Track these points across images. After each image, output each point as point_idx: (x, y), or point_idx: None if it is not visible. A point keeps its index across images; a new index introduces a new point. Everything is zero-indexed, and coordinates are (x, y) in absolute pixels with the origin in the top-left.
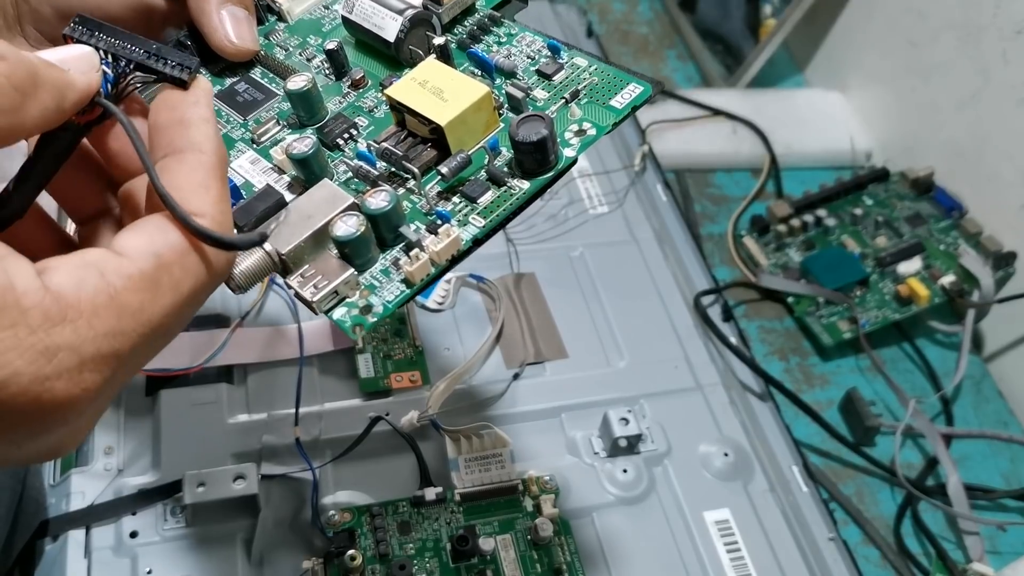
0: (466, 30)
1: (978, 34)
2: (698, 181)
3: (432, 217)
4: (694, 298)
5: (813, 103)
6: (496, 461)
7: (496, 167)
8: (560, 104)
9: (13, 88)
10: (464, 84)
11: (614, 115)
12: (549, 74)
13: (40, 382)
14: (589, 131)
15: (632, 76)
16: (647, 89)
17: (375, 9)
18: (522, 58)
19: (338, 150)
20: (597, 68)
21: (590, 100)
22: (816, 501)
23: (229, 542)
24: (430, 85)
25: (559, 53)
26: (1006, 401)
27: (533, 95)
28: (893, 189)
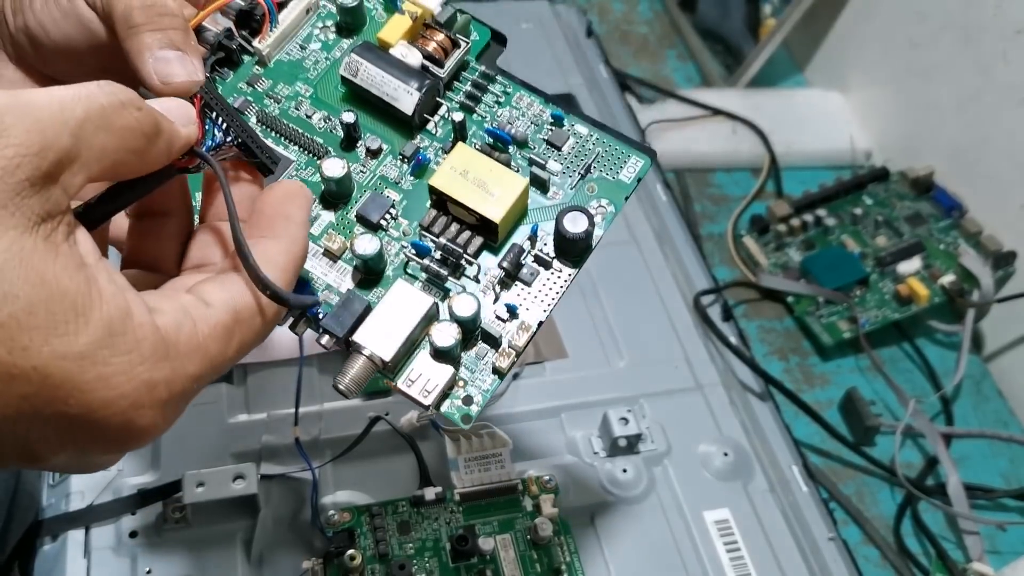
0: (464, 91)
1: (978, 34)
2: (698, 181)
3: (499, 303)
4: (694, 298)
5: (813, 103)
6: (496, 461)
7: (542, 253)
8: (577, 180)
9: (143, 135)
10: (503, 176)
11: (624, 190)
12: (558, 145)
13: (136, 409)
14: (608, 208)
15: (630, 147)
16: (647, 163)
17: (384, 79)
18: (527, 123)
19: (381, 231)
20: (598, 138)
21: (601, 175)
22: (816, 501)
23: (229, 542)
24: (471, 176)
25: (562, 122)
26: (1006, 401)
27: (549, 168)
28: (893, 189)
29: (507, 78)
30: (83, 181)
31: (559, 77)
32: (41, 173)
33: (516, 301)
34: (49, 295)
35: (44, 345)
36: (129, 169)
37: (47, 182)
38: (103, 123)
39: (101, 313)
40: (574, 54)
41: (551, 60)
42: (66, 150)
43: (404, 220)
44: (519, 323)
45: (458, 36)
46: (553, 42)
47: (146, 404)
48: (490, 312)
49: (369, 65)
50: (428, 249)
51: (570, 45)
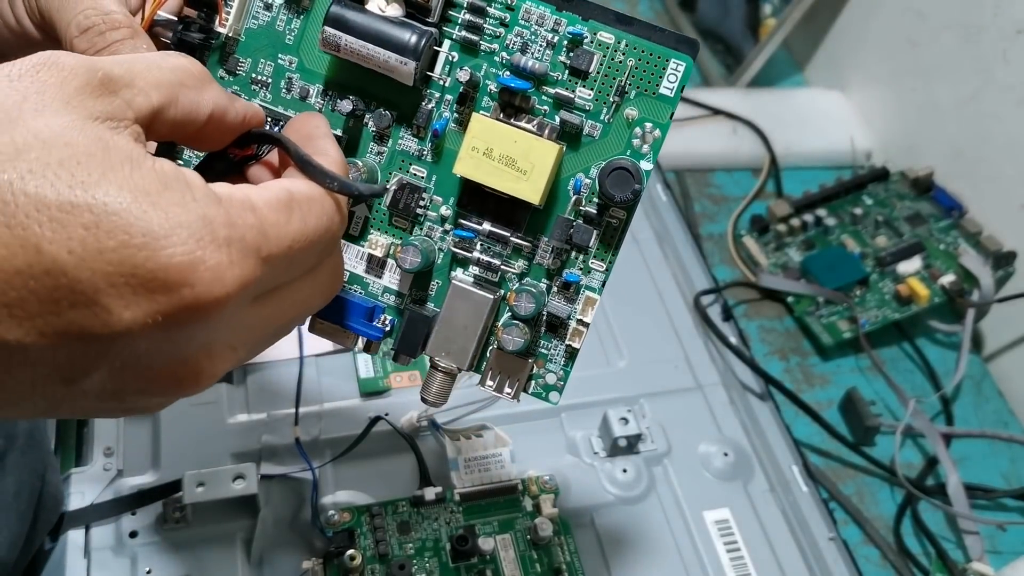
0: (462, 22)
1: (978, 34)
2: (698, 181)
3: (564, 276)
4: (694, 298)
5: (813, 103)
6: (496, 461)
7: (589, 211)
8: (613, 110)
9: (194, 75)
10: (532, 147)
11: (669, 106)
12: (584, 69)
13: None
14: (654, 133)
15: (667, 48)
16: (688, 64)
17: (371, 51)
18: (542, 47)
19: (419, 224)
20: (628, 44)
21: (639, 93)
22: (816, 501)
23: (229, 542)
24: (496, 154)
25: (581, 38)
26: (1006, 401)
27: (578, 103)
28: (893, 189)
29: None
30: (145, 103)
31: None
32: (96, 82)
33: (574, 272)
34: (106, 147)
35: (102, 179)
36: (191, 104)
37: (104, 91)
38: (152, 61)
39: (154, 166)
40: None
41: None
42: (117, 73)
43: (439, 198)
44: (583, 297)
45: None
46: None
47: (207, 238)
48: (551, 293)
49: (349, 38)
50: (472, 236)
51: None
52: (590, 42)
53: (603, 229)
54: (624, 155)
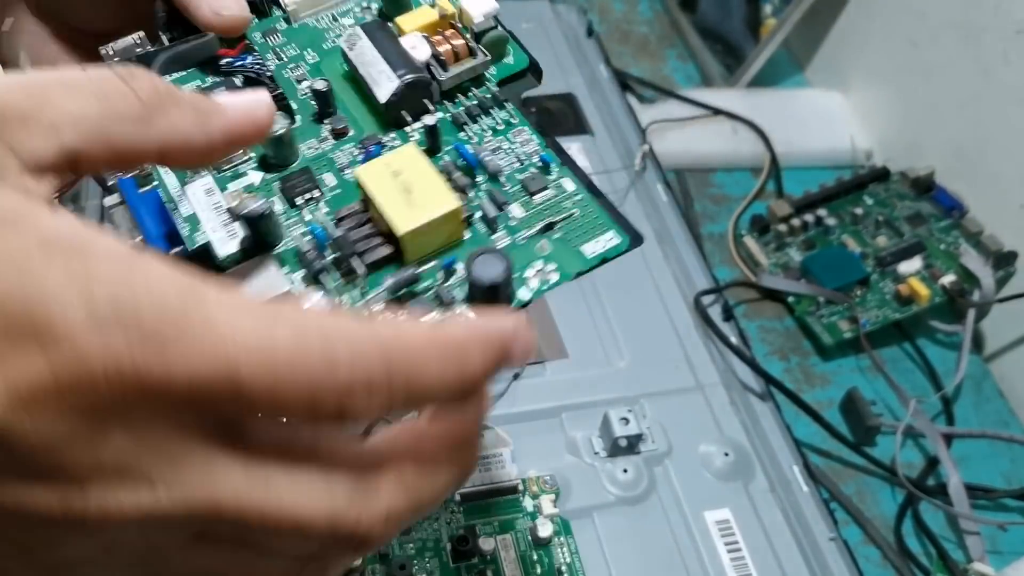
0: (465, 105)
1: (979, 34)
2: (698, 181)
3: None
4: (694, 298)
5: (813, 103)
6: (496, 461)
7: (446, 290)
8: (533, 232)
9: (138, 100)
10: (436, 190)
11: (581, 264)
12: (532, 191)
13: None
14: (551, 275)
15: (614, 223)
16: (624, 242)
17: (374, 58)
18: (511, 159)
19: (296, 208)
20: (582, 199)
21: (562, 237)
22: (816, 501)
23: None
24: (402, 178)
25: (549, 169)
26: (1007, 401)
27: (509, 210)
28: (893, 189)
29: (519, 111)
30: (46, 144)
31: (559, 77)
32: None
33: None
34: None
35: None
36: (127, 142)
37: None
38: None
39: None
40: (574, 54)
41: (551, 60)
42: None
43: (325, 208)
44: None
45: (479, 47)
46: (553, 42)
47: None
48: None
49: (367, 41)
50: (324, 240)
51: (570, 45)
52: (552, 178)
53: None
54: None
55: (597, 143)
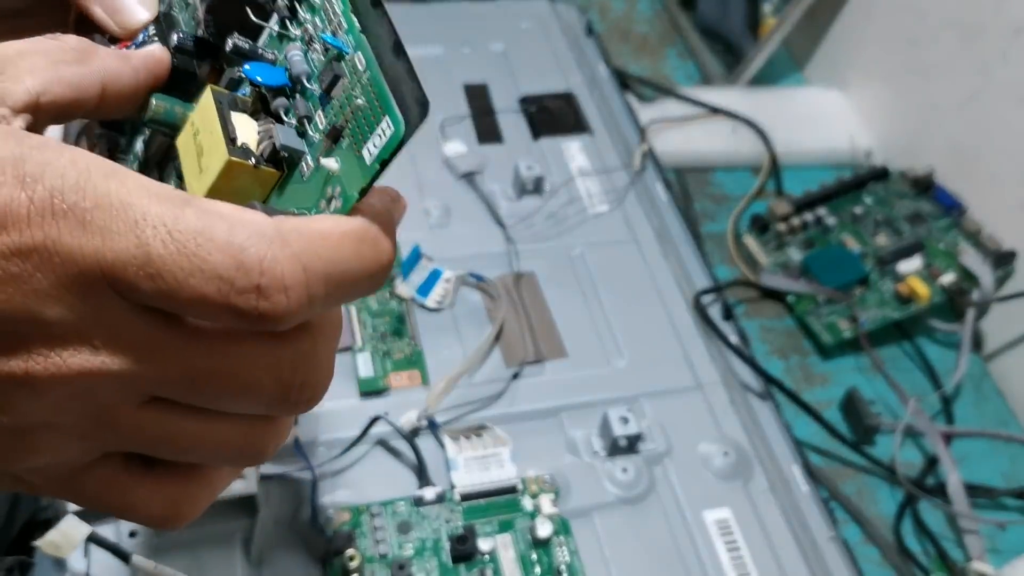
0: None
1: (978, 33)
2: (698, 180)
3: None
4: (694, 297)
5: (813, 101)
6: (495, 461)
7: None
8: (321, 152)
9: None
10: (215, 148)
11: (362, 176)
12: (329, 88)
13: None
14: (336, 203)
15: (390, 101)
16: (399, 130)
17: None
18: (319, 51)
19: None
20: (370, 79)
21: (349, 145)
22: (816, 500)
23: (228, 542)
24: (199, 139)
25: (342, 55)
26: (1006, 400)
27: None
28: (893, 188)
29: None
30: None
31: (559, 76)
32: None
33: None
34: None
35: None
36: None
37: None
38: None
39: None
40: (574, 53)
41: (551, 59)
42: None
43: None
44: None
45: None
46: (553, 41)
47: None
48: None
49: None
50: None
51: (570, 44)
52: (347, 62)
53: None
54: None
55: (596, 142)
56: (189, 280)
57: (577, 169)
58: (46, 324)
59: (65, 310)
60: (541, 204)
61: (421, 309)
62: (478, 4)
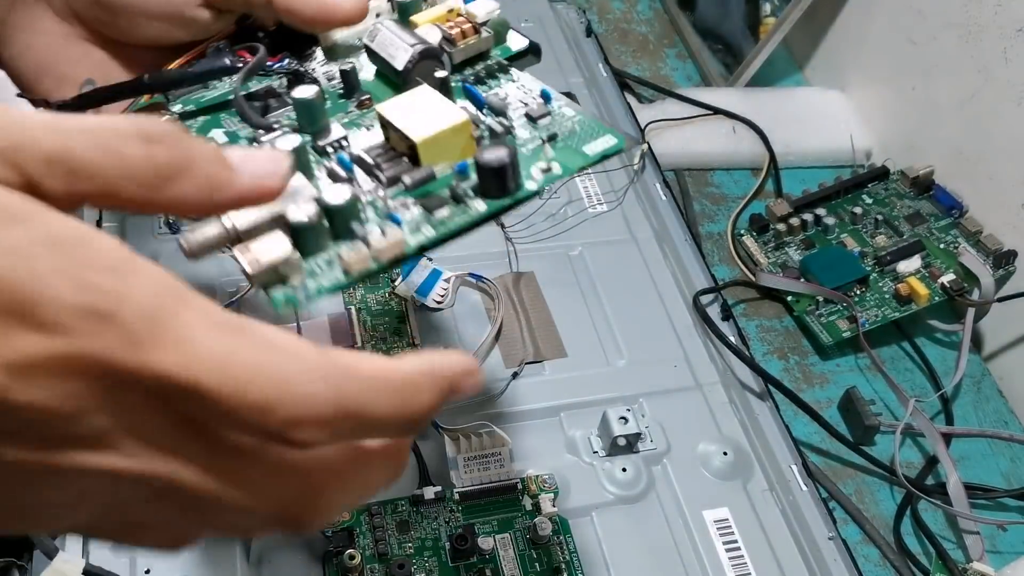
0: (473, 73)
1: (978, 33)
2: (697, 180)
3: (389, 216)
4: (693, 297)
5: (813, 102)
6: (495, 460)
7: (460, 188)
8: (537, 144)
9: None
10: (447, 110)
11: (582, 160)
12: (535, 117)
13: None
14: (555, 169)
15: (610, 129)
16: (620, 142)
17: (391, 39)
18: (515, 101)
19: (325, 155)
20: (581, 119)
21: (565, 144)
22: (815, 500)
23: (228, 542)
24: (417, 107)
25: (550, 100)
26: (1006, 400)
27: (515, 133)
28: (893, 188)
29: (523, 76)
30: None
31: (559, 76)
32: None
33: (405, 216)
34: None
35: None
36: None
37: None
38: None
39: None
40: (574, 53)
41: (551, 59)
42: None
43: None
44: (394, 232)
45: (482, 27)
46: (553, 41)
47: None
48: (371, 214)
49: (386, 30)
50: (348, 164)
51: (569, 44)
52: (553, 108)
53: (456, 206)
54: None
55: None
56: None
57: None
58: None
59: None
60: (541, 204)
61: (421, 309)
62: None
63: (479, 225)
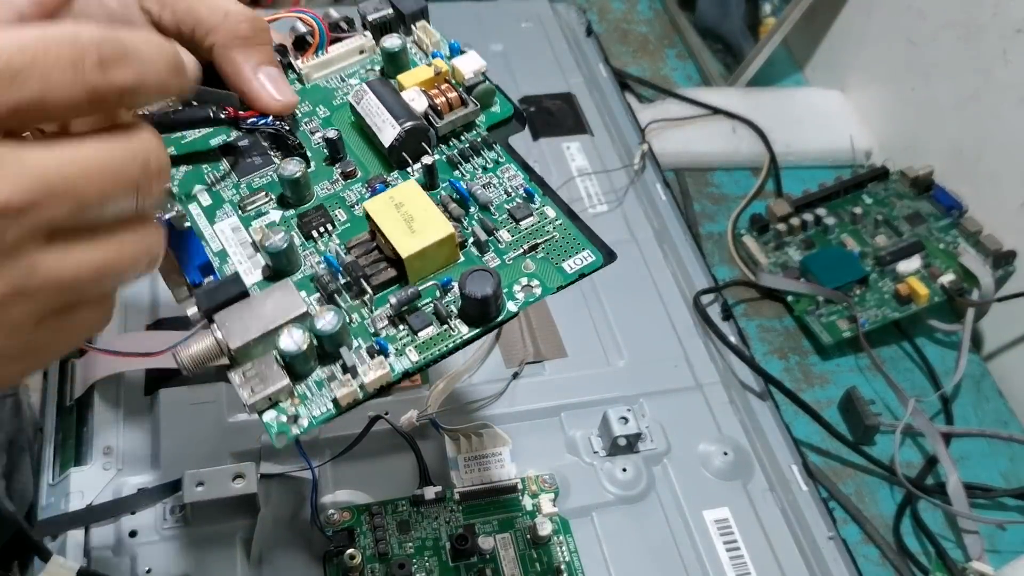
0: (459, 148)
1: (978, 33)
2: (697, 180)
3: (375, 340)
4: (693, 297)
5: (813, 102)
6: (495, 460)
7: (443, 305)
8: (519, 253)
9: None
10: (433, 219)
11: (561, 278)
12: (518, 218)
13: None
14: (535, 289)
15: (590, 242)
16: (598, 259)
17: (379, 109)
18: (500, 192)
19: (311, 240)
20: (562, 224)
21: (545, 257)
22: (816, 500)
23: (228, 541)
24: (404, 210)
25: (533, 199)
26: (1006, 400)
27: (498, 235)
28: (893, 188)
29: (505, 151)
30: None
31: (559, 76)
32: None
33: (393, 343)
34: None
35: None
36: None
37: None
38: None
39: None
40: (574, 53)
41: (551, 59)
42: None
43: (337, 240)
44: (380, 363)
45: (470, 98)
46: (553, 41)
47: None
48: (359, 333)
49: (372, 96)
50: (337, 267)
51: (570, 44)
52: (535, 207)
53: (440, 327)
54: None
55: (596, 142)
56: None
57: (577, 169)
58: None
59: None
60: None
61: None
62: (478, 4)
63: (463, 347)
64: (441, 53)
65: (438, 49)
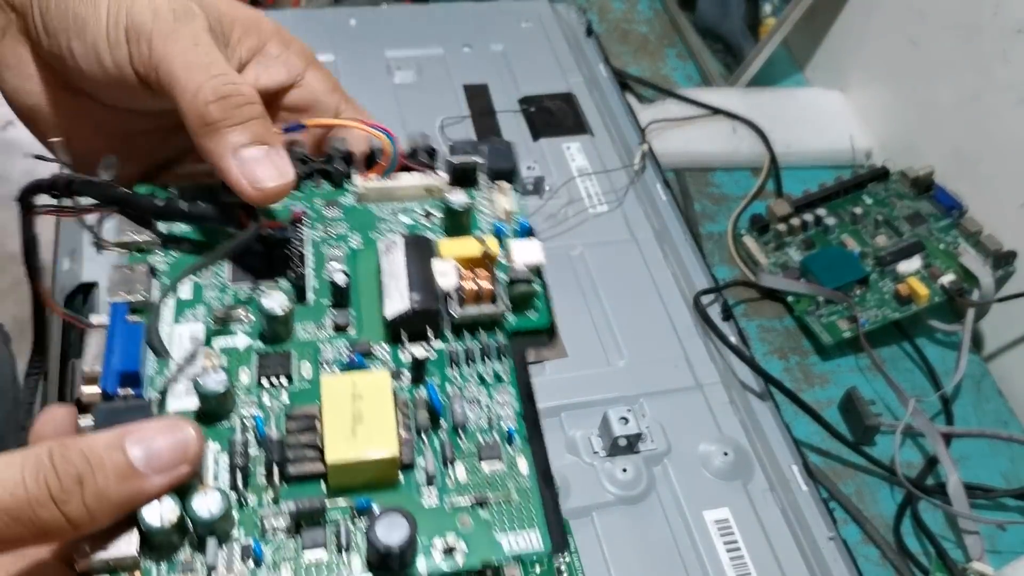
0: (467, 346)
1: (978, 33)
2: (698, 180)
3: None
4: (694, 297)
5: (813, 102)
6: None
7: (348, 531)
8: (463, 503)
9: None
10: (383, 431)
11: (492, 554)
12: (483, 457)
13: None
14: (457, 557)
15: (545, 524)
16: (544, 548)
17: (400, 272)
18: (481, 417)
19: (260, 387)
20: (526, 492)
21: (488, 519)
22: (816, 500)
23: None
24: (359, 405)
25: (512, 441)
26: (1006, 400)
27: (454, 468)
28: (893, 188)
29: (514, 370)
30: None
31: (559, 76)
32: None
33: (274, 552)
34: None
35: None
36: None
37: None
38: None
39: None
40: (574, 53)
41: (551, 59)
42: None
43: (286, 399)
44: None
45: (502, 296)
46: (553, 41)
47: None
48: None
49: (401, 253)
50: (262, 435)
51: (570, 44)
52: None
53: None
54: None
55: (596, 143)
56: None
57: (577, 169)
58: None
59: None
60: (541, 204)
61: None
62: (478, 4)
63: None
64: (505, 228)
65: (504, 221)
